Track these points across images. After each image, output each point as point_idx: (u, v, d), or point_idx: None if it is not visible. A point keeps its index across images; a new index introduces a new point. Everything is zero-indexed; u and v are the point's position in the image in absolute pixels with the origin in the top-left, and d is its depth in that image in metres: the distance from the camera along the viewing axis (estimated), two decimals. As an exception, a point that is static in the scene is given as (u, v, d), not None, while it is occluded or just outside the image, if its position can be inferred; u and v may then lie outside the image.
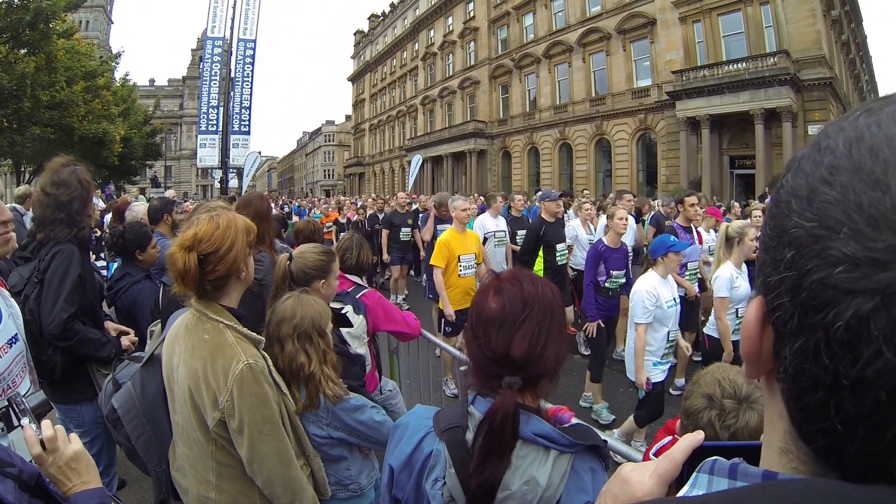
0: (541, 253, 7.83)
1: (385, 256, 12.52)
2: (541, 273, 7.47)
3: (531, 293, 1.57)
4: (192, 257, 2.06)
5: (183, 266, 2.06)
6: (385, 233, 12.60)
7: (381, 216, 14.85)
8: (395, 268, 12.76)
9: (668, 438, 2.56)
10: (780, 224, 0.53)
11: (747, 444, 0.71)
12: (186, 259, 2.05)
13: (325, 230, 13.23)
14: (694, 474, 0.71)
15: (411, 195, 17.34)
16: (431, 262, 7.10)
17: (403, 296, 13.02)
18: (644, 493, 0.81)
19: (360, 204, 19.83)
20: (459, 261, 6.91)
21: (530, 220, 10.85)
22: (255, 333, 2.22)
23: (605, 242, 6.70)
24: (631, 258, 8.52)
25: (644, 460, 2.49)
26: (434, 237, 9.46)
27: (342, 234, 12.75)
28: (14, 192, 10.06)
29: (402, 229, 12.53)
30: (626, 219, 6.78)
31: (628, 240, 7.99)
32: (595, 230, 9.54)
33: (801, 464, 0.55)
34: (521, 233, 10.09)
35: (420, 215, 14.37)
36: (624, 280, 6.76)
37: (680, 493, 0.73)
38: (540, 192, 9.57)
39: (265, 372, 2.13)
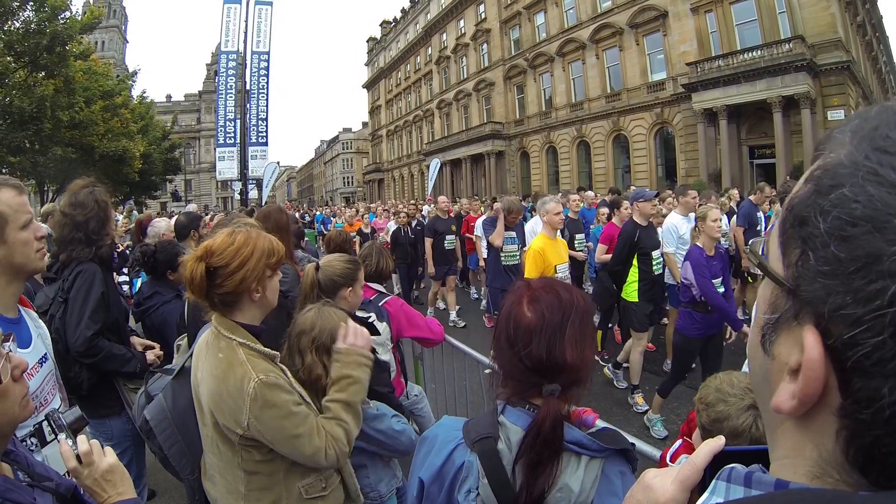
0: (634, 262, 6.75)
1: (431, 269, 11.13)
2: (635, 285, 6.71)
3: (568, 300, 1.58)
4: (200, 267, 2.09)
5: (190, 274, 2.10)
6: (429, 242, 11.06)
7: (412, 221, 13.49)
8: (437, 282, 11.55)
9: (680, 442, 2.56)
10: (863, 247, 0.47)
11: (765, 448, 0.71)
12: (194, 268, 2.09)
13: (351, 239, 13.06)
14: (713, 482, 0.71)
15: (449, 200, 15.52)
16: (527, 275, 5.84)
17: (455, 310, 11.44)
18: (666, 500, 0.81)
19: (394, 210, 18.01)
20: (556, 272, 6.12)
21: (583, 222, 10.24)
22: (268, 349, 2.21)
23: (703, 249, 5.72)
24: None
25: (660, 464, 2.48)
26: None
27: (366, 243, 12.26)
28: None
29: (447, 237, 11.25)
30: (720, 220, 5.84)
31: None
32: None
33: (846, 486, 0.53)
34: (580, 237, 9.52)
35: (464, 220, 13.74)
36: (724, 289, 5.80)
37: (700, 501, 0.73)
38: (633, 191, 8.42)
39: (279, 382, 2.12)
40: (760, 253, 0.65)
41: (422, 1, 64.21)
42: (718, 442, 0.79)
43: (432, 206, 20.90)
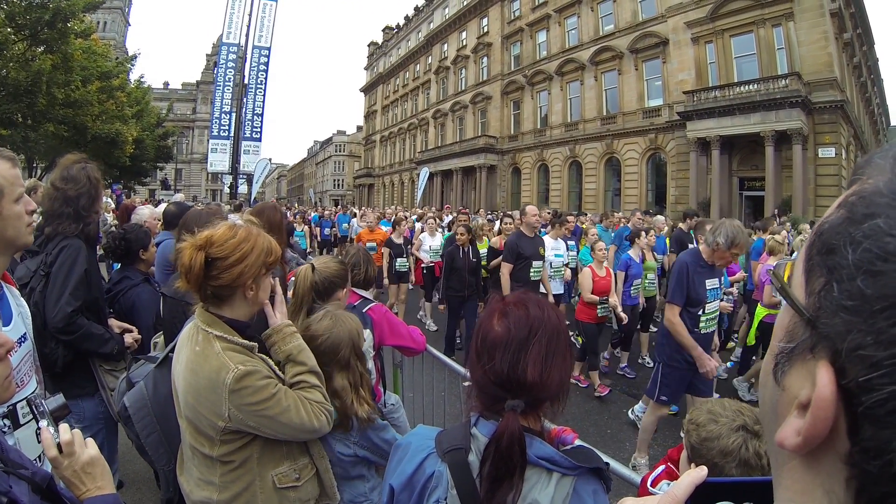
0: None
1: None
2: None
3: (537, 317, 1.57)
4: (200, 256, 2.06)
5: (189, 262, 2.06)
6: (507, 269, 8.07)
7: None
8: None
9: (662, 468, 2.55)
10: (892, 286, 0.43)
11: (751, 481, 0.69)
12: (194, 256, 2.06)
13: (367, 249, 11.14)
14: None
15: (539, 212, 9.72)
16: None
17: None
18: None
19: (447, 218, 15.48)
20: None
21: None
22: (245, 341, 2.19)
23: None
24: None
25: (640, 489, 2.47)
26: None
27: (399, 259, 11.00)
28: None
29: (534, 263, 8.16)
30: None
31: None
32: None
33: None
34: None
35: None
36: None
37: None
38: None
39: (256, 368, 2.12)
40: (784, 277, 0.61)
41: (425, 10, 64.54)
42: (700, 473, 0.75)
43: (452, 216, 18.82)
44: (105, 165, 32.76)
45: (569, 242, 10.31)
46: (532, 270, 8.10)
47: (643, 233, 8.88)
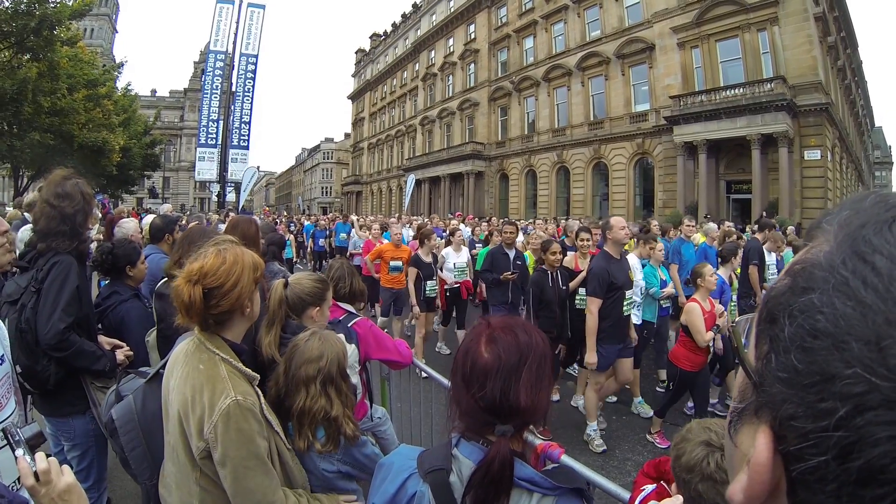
0: None
1: (592, 359, 6.23)
2: None
3: (526, 343, 1.56)
4: (197, 290, 2.06)
5: (188, 299, 2.06)
6: (595, 305, 6.21)
7: (510, 252, 8.86)
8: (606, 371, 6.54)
9: (653, 487, 2.54)
10: (819, 363, 0.45)
11: None
12: (191, 292, 2.06)
13: (391, 269, 9.92)
14: None
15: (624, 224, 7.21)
16: None
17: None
18: None
19: (529, 230, 13.13)
20: None
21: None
22: (250, 370, 2.20)
23: None
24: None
25: None
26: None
27: (428, 282, 9.13)
28: (24, 200, 9.80)
29: (626, 294, 6.43)
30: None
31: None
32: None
33: None
34: None
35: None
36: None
37: None
38: None
39: (254, 409, 2.10)
40: (743, 336, 0.62)
41: (413, 17, 64.66)
42: (675, 502, 0.77)
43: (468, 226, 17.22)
44: (92, 175, 32.39)
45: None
46: (625, 303, 6.39)
47: (737, 252, 7.97)
